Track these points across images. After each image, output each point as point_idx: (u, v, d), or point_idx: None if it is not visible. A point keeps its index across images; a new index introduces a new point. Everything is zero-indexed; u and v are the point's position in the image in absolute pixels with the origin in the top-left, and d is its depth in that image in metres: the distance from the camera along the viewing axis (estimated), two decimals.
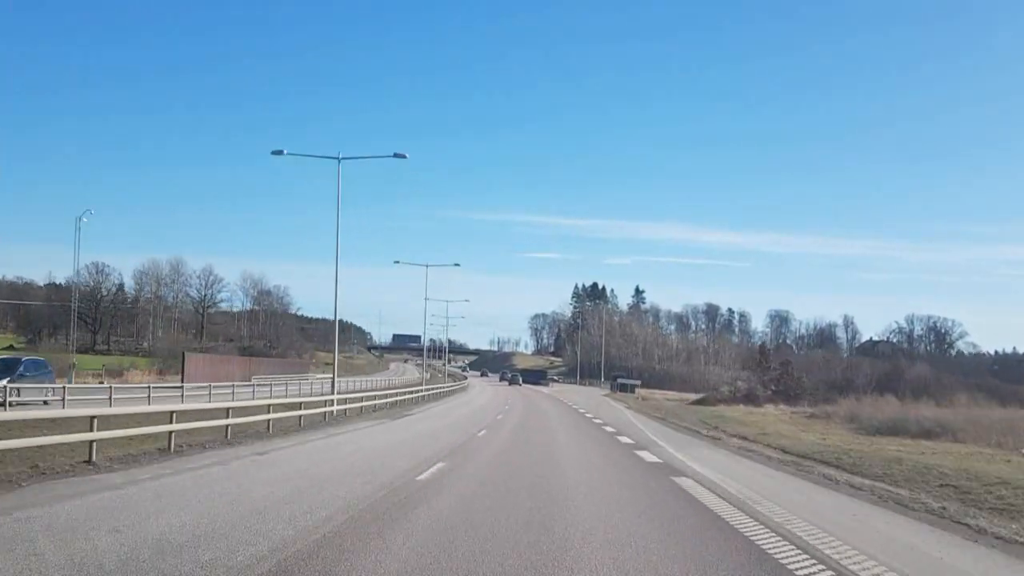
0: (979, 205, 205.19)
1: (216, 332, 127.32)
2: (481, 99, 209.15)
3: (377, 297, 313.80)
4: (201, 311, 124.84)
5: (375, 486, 11.59)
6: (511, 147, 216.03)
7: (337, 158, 30.18)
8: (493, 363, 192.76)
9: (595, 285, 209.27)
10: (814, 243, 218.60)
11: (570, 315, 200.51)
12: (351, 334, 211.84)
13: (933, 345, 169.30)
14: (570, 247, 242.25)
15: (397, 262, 58.81)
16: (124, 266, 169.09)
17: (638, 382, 74.82)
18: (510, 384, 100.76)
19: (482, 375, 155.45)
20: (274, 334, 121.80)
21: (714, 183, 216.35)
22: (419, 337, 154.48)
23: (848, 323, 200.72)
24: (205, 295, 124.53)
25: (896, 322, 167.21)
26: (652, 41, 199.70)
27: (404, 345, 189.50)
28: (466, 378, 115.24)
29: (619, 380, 75.67)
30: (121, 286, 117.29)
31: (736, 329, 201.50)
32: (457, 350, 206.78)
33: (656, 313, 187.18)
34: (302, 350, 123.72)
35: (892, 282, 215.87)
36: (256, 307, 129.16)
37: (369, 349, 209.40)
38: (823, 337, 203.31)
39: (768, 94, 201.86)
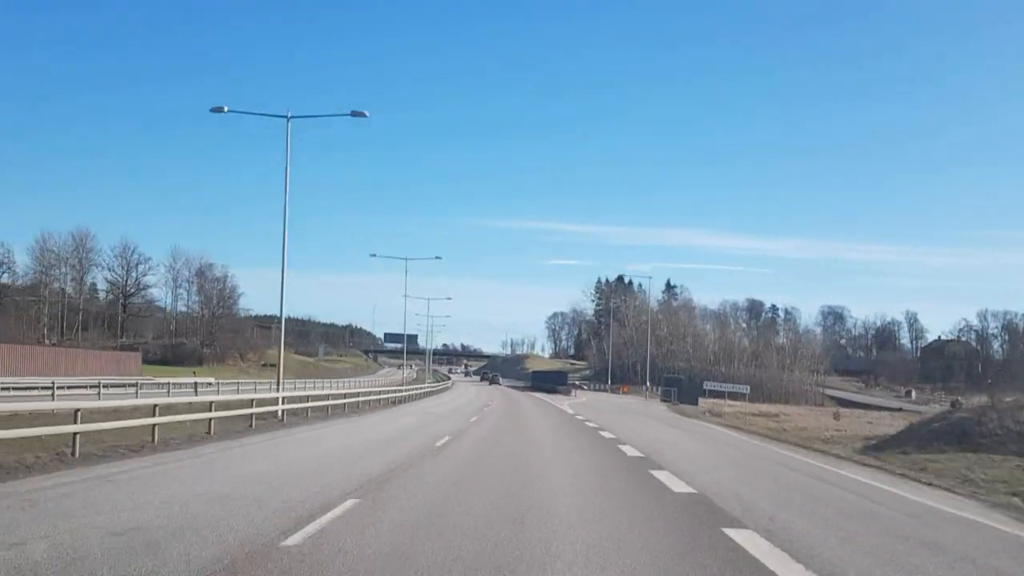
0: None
1: (144, 327, 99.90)
2: (494, 106, 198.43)
3: (385, 303, 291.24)
4: (121, 300, 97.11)
5: None
6: (526, 154, 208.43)
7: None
8: (504, 367, 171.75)
9: (620, 278, 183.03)
10: (838, 249, 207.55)
11: (593, 312, 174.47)
12: (348, 337, 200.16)
13: (1007, 344, 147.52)
14: (589, 254, 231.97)
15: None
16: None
17: (743, 388, 43.14)
18: (490, 384, 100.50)
19: (465, 375, 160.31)
20: (206, 331, 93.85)
21: (737, 190, 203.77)
22: (415, 338, 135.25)
23: (912, 321, 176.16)
24: (126, 280, 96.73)
25: (964, 319, 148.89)
26: (673, 51, 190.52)
27: (410, 348, 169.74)
28: (449, 378, 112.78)
29: (705, 386, 43.56)
30: (8, 268, 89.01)
31: (780, 329, 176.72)
32: (471, 354, 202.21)
33: (690, 311, 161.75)
34: (246, 349, 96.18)
35: (922, 288, 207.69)
36: (198, 298, 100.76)
37: (366, 352, 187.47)
38: (883, 336, 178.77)
39: (791, 105, 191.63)
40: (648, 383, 69.70)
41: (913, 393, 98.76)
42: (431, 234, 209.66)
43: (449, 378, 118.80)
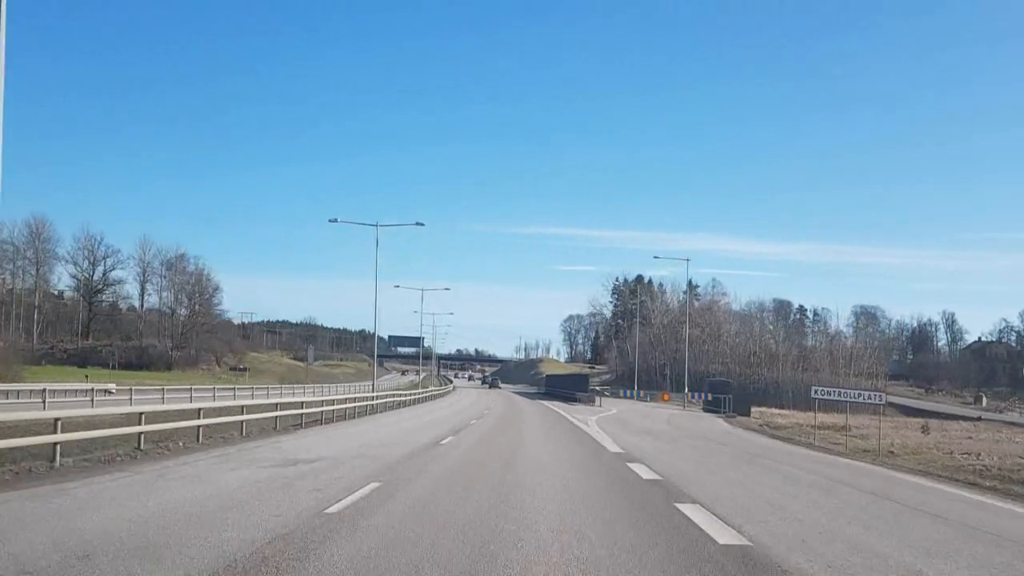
0: None
1: (116, 328, 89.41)
2: (509, 110, 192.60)
3: (396, 309, 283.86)
4: (86, 297, 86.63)
5: None
6: (538, 160, 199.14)
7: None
8: (517, 372, 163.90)
9: (640, 277, 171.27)
10: (857, 252, 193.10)
11: (611, 313, 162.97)
12: (361, 342, 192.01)
13: None
14: (604, 259, 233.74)
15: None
16: None
17: (875, 397, 29.43)
18: (490, 388, 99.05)
19: (468, 379, 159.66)
20: (177, 331, 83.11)
21: (753, 195, 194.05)
22: (418, 341, 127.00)
23: (949, 322, 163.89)
24: (92, 275, 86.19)
25: (1004, 320, 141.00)
26: (685, 57, 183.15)
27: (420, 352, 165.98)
28: (451, 382, 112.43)
29: (814, 393, 29.48)
30: None
31: (809, 331, 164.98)
32: (484, 359, 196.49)
33: (718, 308, 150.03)
34: (224, 352, 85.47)
35: (943, 292, 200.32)
36: (167, 294, 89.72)
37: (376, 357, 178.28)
38: (919, 338, 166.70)
39: (807, 110, 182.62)
40: (687, 388, 58.18)
41: (984, 399, 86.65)
42: (443, 240, 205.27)
43: (451, 382, 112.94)
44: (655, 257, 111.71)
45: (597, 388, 61.80)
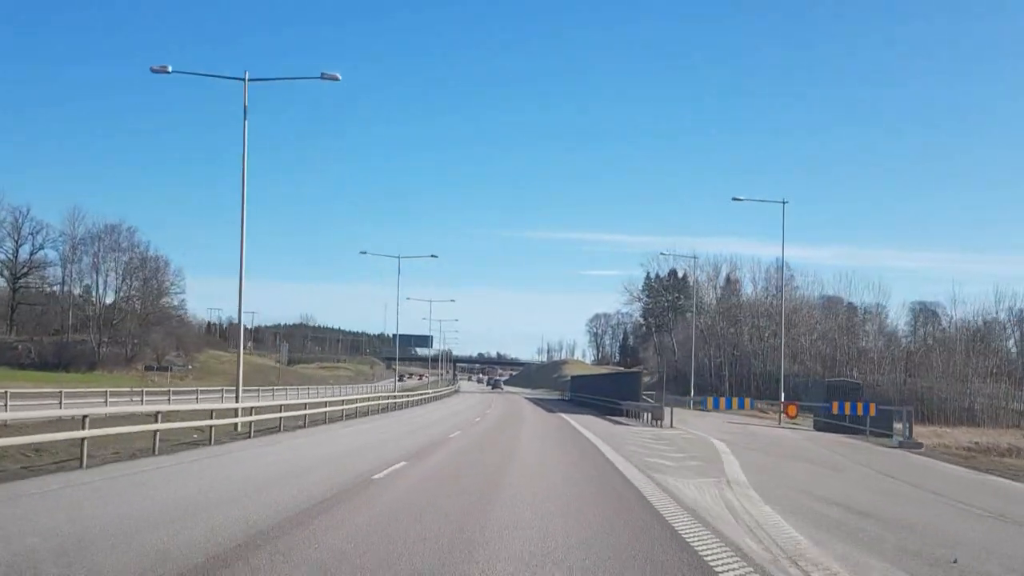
0: None
1: (50, 319, 73.25)
2: (518, 116, 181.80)
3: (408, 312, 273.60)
4: (10, 282, 70.61)
5: None
6: (560, 165, 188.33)
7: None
8: (539, 375, 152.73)
9: (674, 273, 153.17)
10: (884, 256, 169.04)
11: (641, 312, 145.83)
12: (378, 345, 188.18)
13: None
14: (627, 263, 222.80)
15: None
16: None
17: None
18: (493, 390, 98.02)
19: (477, 382, 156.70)
20: (104, 322, 66.75)
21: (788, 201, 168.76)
22: (426, 340, 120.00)
23: (1018, 319, 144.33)
24: (16, 254, 70.08)
25: None
26: (722, 64, 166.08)
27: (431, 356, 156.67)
28: (455, 383, 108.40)
29: None
30: None
31: (859, 330, 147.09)
32: (506, 362, 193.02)
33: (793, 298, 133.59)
34: (167, 350, 68.86)
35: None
36: (92, 276, 72.52)
37: (385, 360, 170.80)
38: (984, 337, 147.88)
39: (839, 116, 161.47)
40: (783, 396, 40.63)
41: None
42: (463, 245, 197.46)
43: (455, 382, 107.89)
44: (734, 199, 59.01)
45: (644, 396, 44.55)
